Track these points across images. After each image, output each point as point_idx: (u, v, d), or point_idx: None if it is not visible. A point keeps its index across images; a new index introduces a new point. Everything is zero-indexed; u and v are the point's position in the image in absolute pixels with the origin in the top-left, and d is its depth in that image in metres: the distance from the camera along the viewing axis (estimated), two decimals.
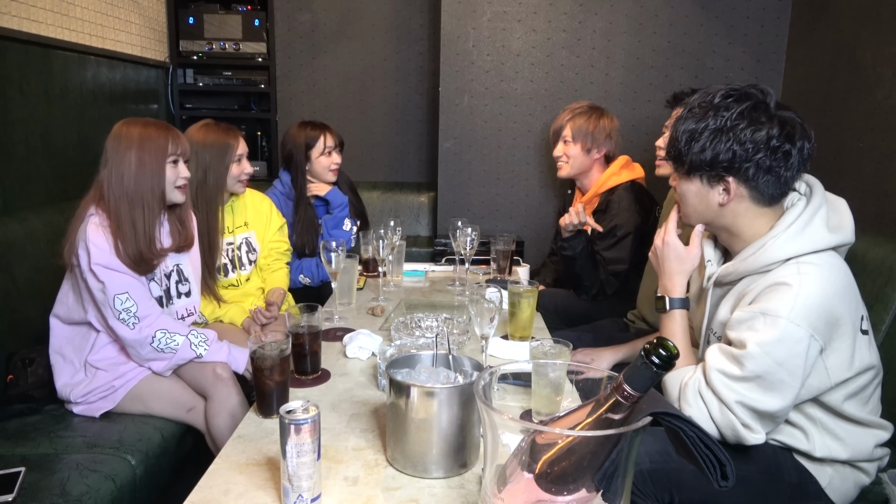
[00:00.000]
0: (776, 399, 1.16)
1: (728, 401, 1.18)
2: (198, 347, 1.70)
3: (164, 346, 1.67)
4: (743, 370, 1.17)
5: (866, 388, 1.27)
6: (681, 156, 1.27)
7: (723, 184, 1.25)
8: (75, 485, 1.42)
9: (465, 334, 1.65)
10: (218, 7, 3.40)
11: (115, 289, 1.62)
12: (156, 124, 1.74)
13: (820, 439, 1.26)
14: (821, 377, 1.20)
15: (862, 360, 1.22)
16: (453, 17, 3.00)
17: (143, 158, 1.68)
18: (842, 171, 2.44)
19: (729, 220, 1.29)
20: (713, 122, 1.22)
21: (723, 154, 1.21)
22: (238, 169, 2.17)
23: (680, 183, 1.32)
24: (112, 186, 1.67)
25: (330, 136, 2.53)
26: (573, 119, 2.39)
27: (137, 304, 1.64)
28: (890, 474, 1.25)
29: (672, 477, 1.23)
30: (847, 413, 1.25)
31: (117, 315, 1.63)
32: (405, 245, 2.40)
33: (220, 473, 1.09)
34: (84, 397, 1.70)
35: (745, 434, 1.18)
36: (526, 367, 1.37)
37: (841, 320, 1.18)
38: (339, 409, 1.33)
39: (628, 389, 0.72)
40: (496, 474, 0.77)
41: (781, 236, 1.22)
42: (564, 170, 2.44)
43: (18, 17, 2.21)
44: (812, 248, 1.21)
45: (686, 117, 1.26)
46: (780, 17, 2.91)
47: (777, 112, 1.21)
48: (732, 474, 0.74)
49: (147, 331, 1.65)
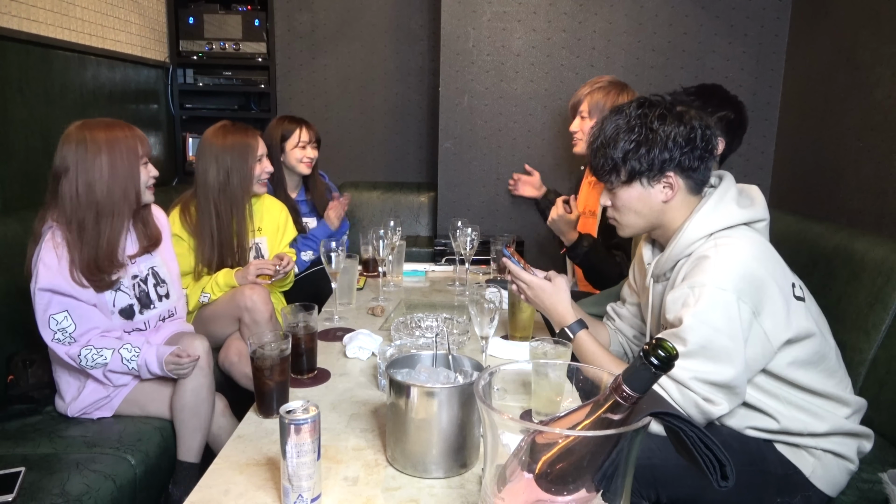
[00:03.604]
0: (727, 367, 1.21)
1: (683, 379, 1.22)
2: (129, 363, 1.64)
3: (92, 363, 1.61)
4: (686, 345, 1.22)
5: (822, 360, 1.31)
6: (617, 168, 1.35)
7: (664, 180, 1.34)
8: (75, 485, 1.42)
9: (465, 334, 1.65)
10: (218, 7, 3.40)
11: (53, 308, 1.57)
12: (118, 125, 1.67)
13: (789, 414, 1.30)
14: (763, 343, 1.25)
15: (800, 325, 1.27)
16: (453, 17, 3.00)
17: (116, 163, 1.62)
18: (842, 171, 2.44)
19: (667, 215, 1.38)
20: (640, 132, 1.32)
21: (659, 155, 1.31)
22: (259, 168, 2.17)
23: (618, 194, 1.39)
24: (78, 196, 1.59)
25: (306, 130, 2.57)
26: (591, 93, 2.30)
27: (76, 325, 1.59)
28: (890, 474, 1.25)
29: (656, 474, 1.24)
30: (805, 384, 1.30)
31: (52, 336, 1.58)
32: (405, 245, 2.40)
33: (220, 473, 1.09)
34: (82, 410, 1.70)
35: (709, 408, 1.21)
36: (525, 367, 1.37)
37: (765, 283, 1.24)
38: (339, 409, 1.33)
39: (627, 390, 0.72)
40: (496, 474, 0.77)
41: (695, 217, 1.33)
42: (580, 146, 2.36)
43: (18, 17, 2.21)
44: (726, 223, 1.31)
45: (611, 141, 1.34)
46: (780, 17, 2.91)
47: (686, 109, 1.34)
48: (732, 474, 0.75)
49: (75, 349, 1.59)
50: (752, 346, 1.23)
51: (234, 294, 2.02)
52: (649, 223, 1.41)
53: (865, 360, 1.64)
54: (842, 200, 2.43)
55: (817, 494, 1.31)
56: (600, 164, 1.38)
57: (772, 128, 2.98)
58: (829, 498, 1.33)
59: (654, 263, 1.43)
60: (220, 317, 2.06)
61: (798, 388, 1.31)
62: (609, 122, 1.37)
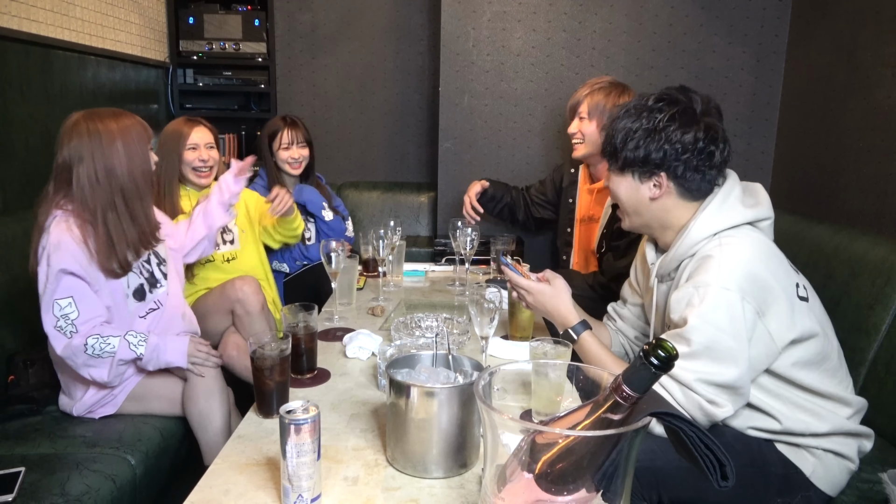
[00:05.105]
0: (731, 368, 1.20)
1: (687, 381, 1.22)
2: (137, 348, 1.61)
3: (99, 352, 1.58)
4: (691, 345, 1.21)
5: (825, 360, 1.31)
6: (616, 152, 1.38)
7: (654, 179, 1.35)
8: (75, 485, 1.42)
9: (465, 334, 1.65)
10: (218, 7, 3.40)
11: (60, 293, 1.55)
12: (124, 113, 1.69)
13: (792, 414, 1.29)
14: (767, 343, 1.25)
15: (803, 325, 1.27)
16: (453, 17, 3.00)
17: (131, 148, 1.64)
18: (842, 171, 2.44)
19: (660, 215, 1.39)
20: (647, 123, 1.33)
21: (654, 153, 1.32)
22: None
23: (612, 178, 1.43)
24: (99, 183, 1.60)
25: (289, 130, 2.56)
26: (592, 95, 2.24)
27: (79, 312, 1.57)
28: (890, 474, 1.25)
29: (659, 476, 1.24)
30: (808, 384, 1.29)
31: (54, 322, 1.55)
32: (405, 245, 2.40)
33: (220, 473, 1.09)
34: (87, 409, 1.71)
35: (713, 410, 1.21)
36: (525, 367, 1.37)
37: (769, 284, 1.24)
38: (339, 409, 1.33)
39: (627, 390, 0.72)
40: (496, 474, 0.77)
41: (700, 216, 1.33)
42: (580, 150, 2.30)
43: (18, 17, 2.21)
44: (730, 223, 1.31)
45: (622, 117, 1.37)
46: (780, 17, 2.91)
47: (703, 117, 1.32)
48: (732, 474, 0.74)
49: (79, 339, 1.56)
50: (756, 346, 1.23)
51: (224, 287, 2.07)
52: (644, 221, 1.41)
53: (865, 360, 1.64)
54: (842, 200, 2.43)
55: (817, 494, 1.31)
56: (608, 140, 1.40)
57: (772, 128, 2.98)
58: (829, 498, 1.33)
59: (658, 263, 1.43)
60: (212, 312, 2.08)
61: (801, 389, 1.31)
62: (632, 101, 1.39)
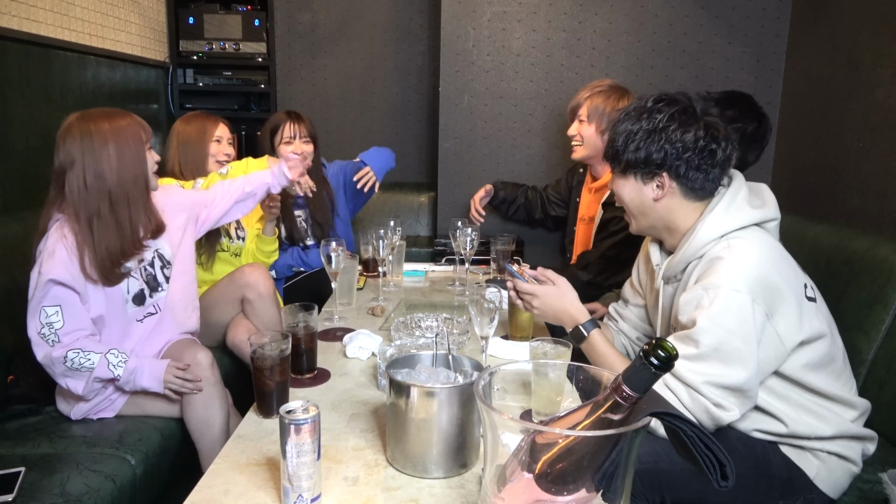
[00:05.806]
0: (739, 370, 1.20)
1: (694, 384, 1.21)
2: (115, 369, 1.59)
3: (78, 366, 1.56)
4: (699, 347, 1.21)
5: (831, 361, 1.31)
6: (618, 155, 1.38)
7: (657, 180, 1.35)
8: (75, 485, 1.42)
9: (465, 334, 1.65)
10: (218, 7, 3.40)
11: (48, 300, 1.54)
12: (119, 113, 1.66)
13: (798, 417, 1.29)
14: (776, 345, 1.24)
15: (812, 326, 1.27)
16: (453, 17, 3.00)
17: (123, 150, 1.61)
18: (842, 171, 2.44)
19: (664, 216, 1.38)
20: (647, 124, 1.33)
21: (655, 153, 1.32)
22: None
23: (616, 181, 1.43)
24: (87, 188, 1.57)
25: (291, 124, 2.52)
26: (591, 97, 2.27)
27: (64, 322, 1.55)
28: (890, 474, 1.25)
29: (662, 478, 1.23)
30: (815, 386, 1.29)
31: (39, 329, 1.54)
32: (405, 245, 2.40)
33: (220, 473, 1.09)
34: (85, 414, 1.70)
35: (719, 413, 1.20)
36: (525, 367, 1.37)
37: (779, 286, 1.24)
38: (339, 409, 1.33)
39: (627, 390, 0.72)
40: (496, 474, 0.77)
41: (708, 218, 1.32)
42: (579, 152, 2.34)
43: (18, 17, 2.21)
44: (738, 224, 1.31)
45: (622, 120, 1.37)
46: (780, 17, 2.91)
47: (703, 116, 1.32)
48: (732, 474, 0.74)
49: (60, 351, 1.54)
50: (764, 348, 1.22)
51: (232, 276, 2.10)
52: (650, 223, 1.41)
53: (865, 360, 1.64)
54: (842, 200, 2.43)
55: (819, 496, 1.30)
56: (610, 144, 1.40)
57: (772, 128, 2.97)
58: (831, 500, 1.33)
59: (664, 265, 1.42)
60: (220, 302, 2.09)
61: (807, 391, 1.30)
62: (632, 104, 1.40)
